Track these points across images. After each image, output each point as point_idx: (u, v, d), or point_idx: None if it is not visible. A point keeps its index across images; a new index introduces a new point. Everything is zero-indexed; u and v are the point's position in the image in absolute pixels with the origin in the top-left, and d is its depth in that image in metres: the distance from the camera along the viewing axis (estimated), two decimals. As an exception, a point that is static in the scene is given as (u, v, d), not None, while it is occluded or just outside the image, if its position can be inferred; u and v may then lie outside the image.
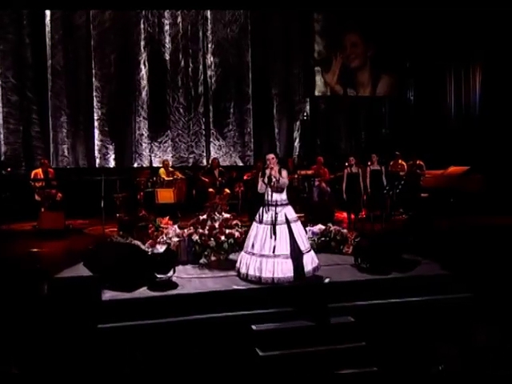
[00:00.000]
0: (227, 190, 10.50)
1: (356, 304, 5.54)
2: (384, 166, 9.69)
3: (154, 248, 6.24)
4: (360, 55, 14.16)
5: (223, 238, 6.74)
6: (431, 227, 7.62)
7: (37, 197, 10.31)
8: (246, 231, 6.80)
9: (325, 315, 5.30)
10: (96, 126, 13.95)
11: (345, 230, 7.44)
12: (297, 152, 14.55)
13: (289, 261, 5.69)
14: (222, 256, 6.89)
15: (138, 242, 6.58)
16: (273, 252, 5.70)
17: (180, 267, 6.44)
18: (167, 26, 14.22)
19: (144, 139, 14.26)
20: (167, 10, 14.09)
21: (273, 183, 5.85)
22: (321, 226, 7.43)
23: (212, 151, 14.40)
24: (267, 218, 5.87)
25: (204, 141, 14.39)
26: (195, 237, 6.82)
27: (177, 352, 5.03)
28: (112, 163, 14.18)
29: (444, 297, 5.74)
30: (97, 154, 14.02)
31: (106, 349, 4.96)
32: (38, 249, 8.33)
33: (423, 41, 13.39)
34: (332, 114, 14.59)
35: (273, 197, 5.91)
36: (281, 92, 14.43)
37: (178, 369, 4.93)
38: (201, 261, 6.80)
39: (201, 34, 14.30)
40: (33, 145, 13.46)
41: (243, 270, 5.87)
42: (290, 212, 5.99)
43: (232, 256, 6.91)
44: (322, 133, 14.52)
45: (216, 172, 10.86)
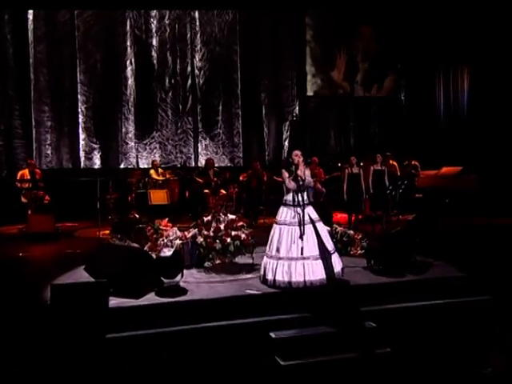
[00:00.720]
0: (223, 191, 10.20)
1: (376, 308, 5.31)
2: (386, 167, 9.53)
3: (160, 251, 5.91)
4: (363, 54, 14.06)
5: (229, 241, 6.45)
6: (437, 228, 7.45)
7: (23, 199, 9.84)
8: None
9: (346, 320, 5.05)
10: (81, 126, 13.54)
11: (351, 232, 7.23)
12: (286, 152, 14.33)
13: (319, 262, 5.43)
14: (228, 259, 6.60)
15: (136, 245, 6.25)
16: (301, 254, 5.42)
17: (185, 271, 6.11)
18: (154, 25, 13.90)
19: (131, 139, 13.89)
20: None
21: (301, 182, 5.57)
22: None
23: (200, 152, 14.10)
24: (292, 219, 5.59)
25: (192, 141, 14.08)
26: (200, 239, 6.52)
27: (191, 362, 4.71)
28: (98, 164, 13.77)
29: (464, 299, 5.56)
30: (82, 155, 13.61)
31: (116, 360, 4.62)
32: (28, 253, 7.92)
33: (414, 43, 13.38)
34: (322, 115, 14.42)
35: (298, 196, 5.61)
36: (270, 92, 14.22)
37: (193, 381, 4.62)
38: (205, 264, 6.52)
39: (189, 33, 14.01)
40: (15, 145, 12.97)
41: (270, 277, 5.55)
42: (313, 211, 5.73)
43: (237, 259, 6.66)
44: (312, 133, 14.34)
45: (211, 172, 10.53)
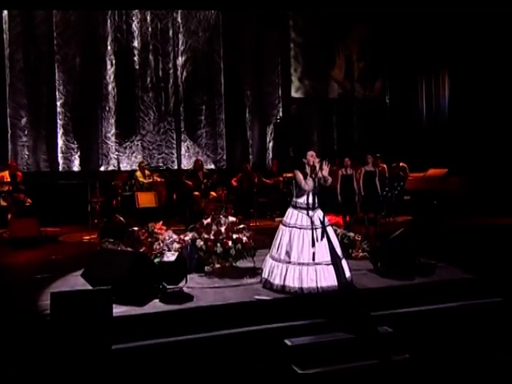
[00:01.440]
0: (214, 193, 9.92)
1: (389, 313, 5.15)
2: (377, 168, 9.45)
3: (158, 255, 5.64)
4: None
5: (230, 244, 6.21)
6: (440, 229, 7.39)
7: (2, 202, 9.39)
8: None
9: (361, 326, 4.87)
10: (59, 128, 13.12)
11: (352, 234, 7.08)
12: (270, 155, 14.16)
13: (330, 267, 5.25)
14: (228, 263, 6.36)
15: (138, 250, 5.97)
16: (313, 259, 5.23)
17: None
18: (135, 25, 13.59)
19: (111, 141, 13.52)
20: (135, 9, 13.47)
21: (317, 184, 5.37)
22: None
23: (183, 154, 13.82)
24: (302, 222, 5.38)
25: (175, 143, 13.78)
26: (200, 243, 6.26)
27: (202, 373, 4.46)
28: (77, 166, 13.35)
29: (476, 302, 5.47)
30: (60, 157, 13.16)
31: (124, 373, 4.33)
32: (13, 259, 7.51)
33: (398, 47, 13.47)
34: (304, 117, 14.29)
35: (311, 199, 5.42)
36: (254, 94, 14.04)
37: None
38: (206, 269, 6.26)
39: (171, 34, 13.74)
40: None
41: (278, 281, 5.33)
42: (323, 215, 5.53)
43: (237, 263, 6.43)
44: (295, 135, 14.19)
45: (200, 174, 10.24)
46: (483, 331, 5.10)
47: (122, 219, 8.80)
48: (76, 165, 13.35)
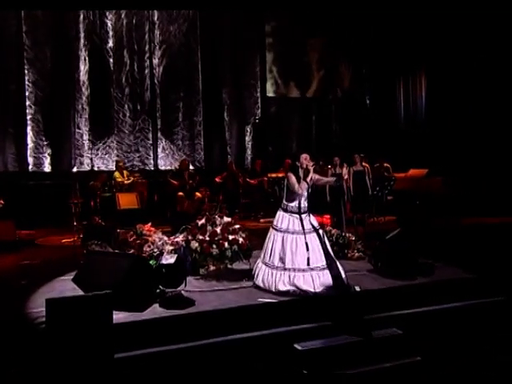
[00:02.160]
0: (199, 194, 9.64)
1: (397, 314, 5.04)
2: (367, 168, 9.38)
3: (162, 258, 5.37)
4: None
5: (226, 245, 5.98)
6: (429, 229, 7.36)
7: (-27, 204, 8.89)
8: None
9: (370, 328, 4.73)
10: (29, 128, 12.57)
11: (347, 234, 6.96)
12: (249, 155, 13.96)
13: (326, 272, 5.13)
14: (223, 265, 6.13)
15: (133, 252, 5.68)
16: (307, 264, 5.10)
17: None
18: (109, 21, 13.15)
19: (85, 141, 13.04)
20: (110, 4, 13.06)
21: (310, 190, 5.23)
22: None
23: (159, 154, 13.46)
24: (295, 227, 5.26)
25: (151, 143, 13.40)
26: (194, 244, 6.01)
27: (212, 382, 4.23)
28: (47, 167, 12.82)
29: (479, 301, 5.41)
30: (30, 157, 12.62)
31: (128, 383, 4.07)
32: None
33: (377, 47, 13.52)
34: (283, 116, 14.15)
35: (301, 203, 5.30)
36: (232, 93, 13.79)
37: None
38: (201, 271, 6.01)
39: (147, 30, 13.37)
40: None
41: (272, 289, 5.20)
42: (314, 219, 5.44)
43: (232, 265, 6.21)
44: (274, 135, 14.03)
45: (186, 174, 9.93)
46: (490, 330, 5.04)
47: (101, 221, 8.46)
48: (47, 165, 12.83)
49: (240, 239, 6.07)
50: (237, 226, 6.19)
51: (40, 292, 5.48)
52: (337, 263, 5.28)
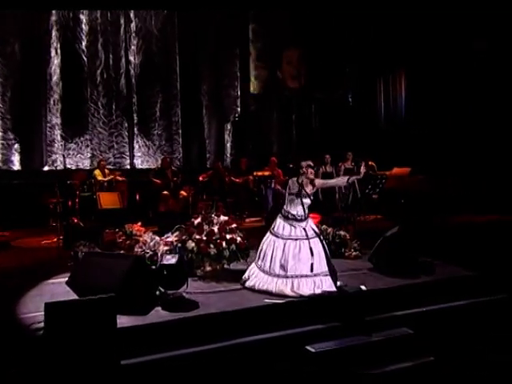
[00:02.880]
0: (184, 193, 9.35)
1: (406, 313, 4.93)
2: (356, 166, 9.29)
3: (163, 258, 5.11)
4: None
5: (224, 245, 5.77)
6: (430, 227, 7.31)
7: None
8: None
9: (380, 328, 4.62)
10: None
11: (342, 232, 6.84)
12: (228, 153, 13.72)
13: (328, 278, 5.02)
14: (219, 266, 5.91)
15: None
16: (311, 271, 4.97)
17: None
18: (83, 15, 12.66)
19: (57, 139, 12.55)
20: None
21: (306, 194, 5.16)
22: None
23: (136, 152, 13.08)
24: (297, 233, 5.15)
25: (127, 141, 13.00)
26: (190, 244, 5.77)
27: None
28: (17, 166, 12.27)
29: (483, 299, 5.37)
30: (-3, 155, 12.08)
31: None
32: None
33: (358, 46, 13.51)
34: (263, 114, 13.97)
35: (303, 209, 5.21)
36: (211, 91, 13.50)
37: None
38: (198, 272, 5.78)
39: (122, 24, 12.94)
40: None
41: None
42: (313, 224, 5.37)
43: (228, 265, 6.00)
44: (254, 133, 13.83)
45: (169, 172, 9.60)
46: (497, 328, 4.99)
47: (79, 222, 8.10)
48: (16, 164, 12.28)
49: (238, 238, 5.86)
50: (234, 225, 5.98)
51: (29, 296, 5.15)
52: (335, 272, 5.20)
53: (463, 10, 11.62)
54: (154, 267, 5.02)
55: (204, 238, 5.76)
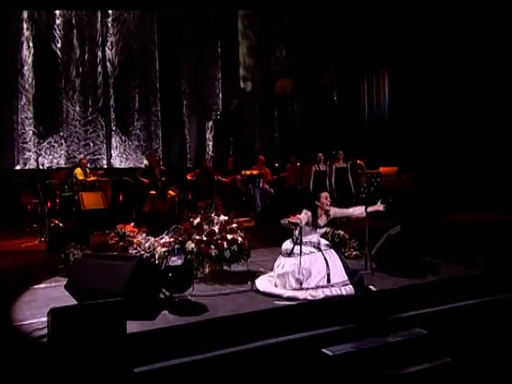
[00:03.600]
0: (172, 193, 9.05)
1: (418, 313, 4.82)
2: (350, 164, 9.17)
3: (168, 259, 4.86)
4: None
5: (225, 245, 5.55)
6: (431, 227, 7.24)
7: None
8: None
9: (394, 329, 4.50)
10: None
11: (341, 231, 6.72)
12: (210, 152, 13.46)
13: (346, 287, 4.89)
14: (219, 267, 5.70)
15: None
16: (328, 281, 4.83)
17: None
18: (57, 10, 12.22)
19: (29, 137, 12.08)
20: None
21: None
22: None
23: (114, 151, 12.69)
24: (310, 249, 5.04)
25: (104, 140, 12.60)
26: (190, 245, 5.53)
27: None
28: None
29: (491, 298, 5.30)
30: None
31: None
32: None
33: (342, 46, 13.46)
34: (245, 112, 13.76)
35: (318, 238, 5.18)
36: (192, 89, 13.24)
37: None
38: (199, 275, 5.53)
39: (99, 18, 12.55)
40: None
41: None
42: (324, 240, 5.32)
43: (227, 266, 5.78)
44: (235, 132, 13.61)
45: (157, 171, 9.26)
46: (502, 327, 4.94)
47: (58, 223, 7.73)
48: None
49: (239, 239, 5.66)
50: (234, 225, 5.77)
51: (23, 302, 4.83)
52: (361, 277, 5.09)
53: (446, 10, 11.65)
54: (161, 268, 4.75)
55: (204, 239, 5.54)
